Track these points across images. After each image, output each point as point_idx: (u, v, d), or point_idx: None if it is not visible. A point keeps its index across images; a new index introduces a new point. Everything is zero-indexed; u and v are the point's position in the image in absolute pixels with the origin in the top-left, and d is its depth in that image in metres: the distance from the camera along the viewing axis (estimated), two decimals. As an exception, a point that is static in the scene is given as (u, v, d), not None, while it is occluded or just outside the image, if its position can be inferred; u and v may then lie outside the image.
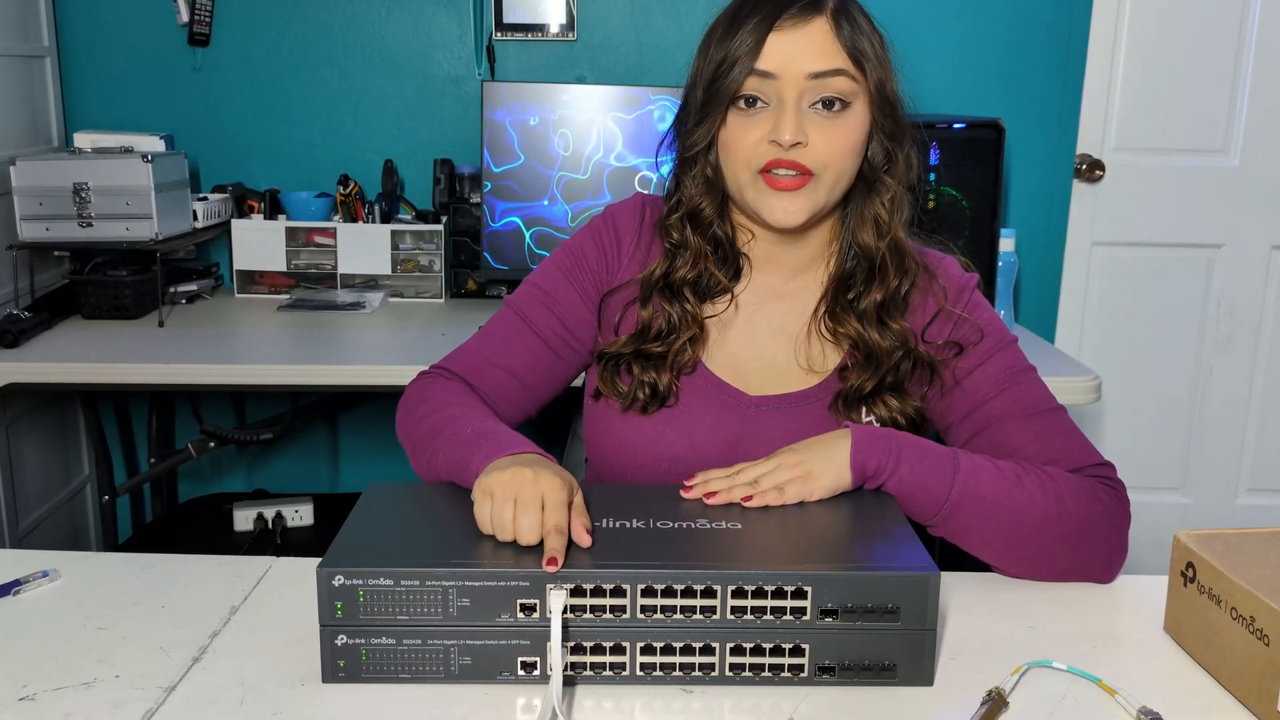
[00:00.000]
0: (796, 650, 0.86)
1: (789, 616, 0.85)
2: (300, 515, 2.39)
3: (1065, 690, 0.87)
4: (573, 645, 0.85)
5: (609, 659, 0.86)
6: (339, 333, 2.10)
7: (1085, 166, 2.59)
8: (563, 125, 2.25)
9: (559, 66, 2.50)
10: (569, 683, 0.86)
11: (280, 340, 2.07)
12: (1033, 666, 0.90)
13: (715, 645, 0.85)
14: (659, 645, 0.85)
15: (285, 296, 2.35)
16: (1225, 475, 2.78)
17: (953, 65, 2.49)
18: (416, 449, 1.10)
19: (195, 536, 2.35)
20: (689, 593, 0.84)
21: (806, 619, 0.85)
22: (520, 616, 0.84)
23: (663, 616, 0.85)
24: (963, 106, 2.46)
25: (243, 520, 2.37)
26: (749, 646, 0.85)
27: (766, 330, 1.18)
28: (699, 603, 0.84)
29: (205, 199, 2.34)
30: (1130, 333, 2.70)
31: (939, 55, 2.49)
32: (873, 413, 1.14)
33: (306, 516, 2.40)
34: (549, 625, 0.83)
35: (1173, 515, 2.71)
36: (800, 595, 0.84)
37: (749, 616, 0.85)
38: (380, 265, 2.37)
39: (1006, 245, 2.17)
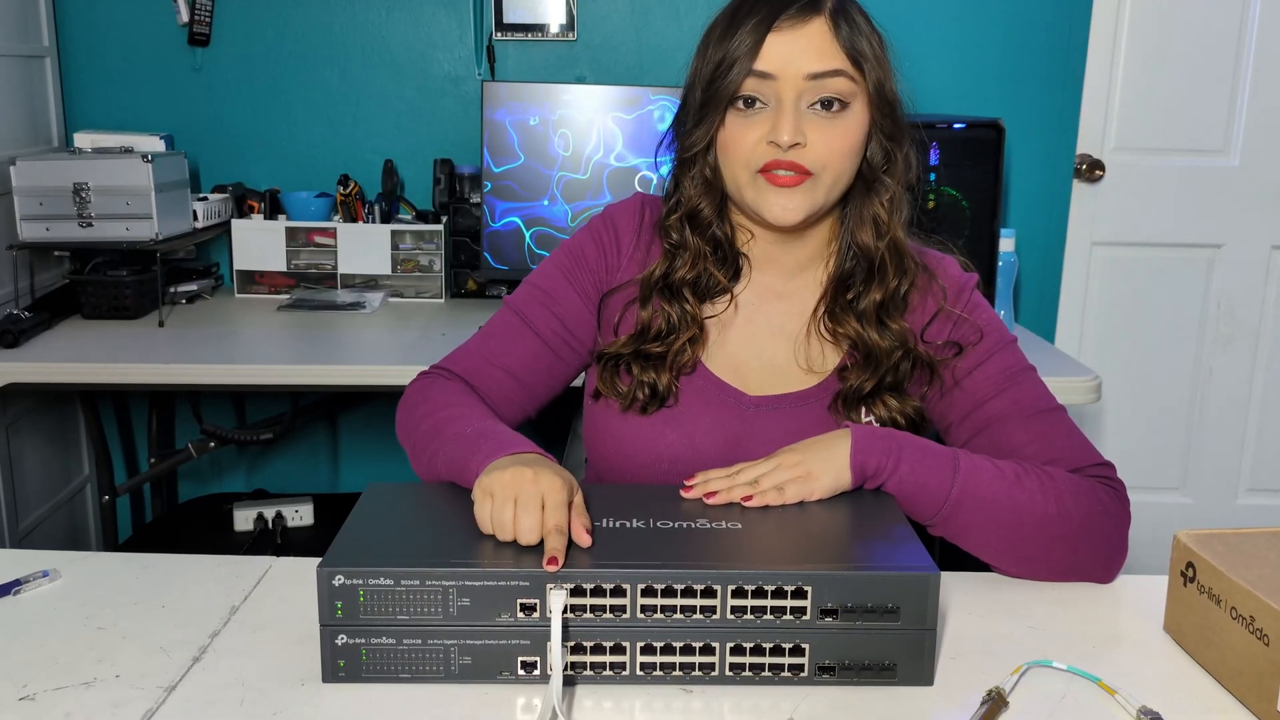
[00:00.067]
0: (796, 650, 0.86)
1: (789, 616, 0.85)
2: (300, 515, 2.39)
3: (1065, 690, 0.87)
4: (573, 645, 0.85)
5: (609, 659, 0.86)
6: (339, 333, 2.10)
7: (1085, 166, 2.59)
8: (563, 125, 2.25)
9: (559, 66, 2.50)
10: (569, 682, 0.86)
11: (280, 340, 2.07)
12: (1033, 666, 0.90)
13: (715, 645, 0.85)
14: (659, 645, 0.85)
15: (285, 296, 2.35)
16: (1225, 475, 2.78)
17: (953, 65, 2.49)
18: (416, 449, 1.10)
19: (195, 536, 2.35)
20: (689, 593, 0.84)
21: (806, 619, 0.85)
22: (520, 616, 0.84)
23: (663, 616, 0.85)
24: (963, 106, 2.46)
25: (243, 520, 2.37)
26: (749, 646, 0.85)
27: (766, 330, 1.18)
28: (699, 602, 0.84)
29: (205, 199, 2.34)
30: (1130, 333, 2.70)
31: (939, 55, 2.49)
32: (872, 413, 1.14)
33: (306, 516, 2.40)
34: (549, 625, 0.83)
35: (1173, 515, 2.70)
36: (800, 595, 0.84)
37: (749, 616, 0.85)
38: (380, 265, 2.37)
39: (1006, 245, 2.17)
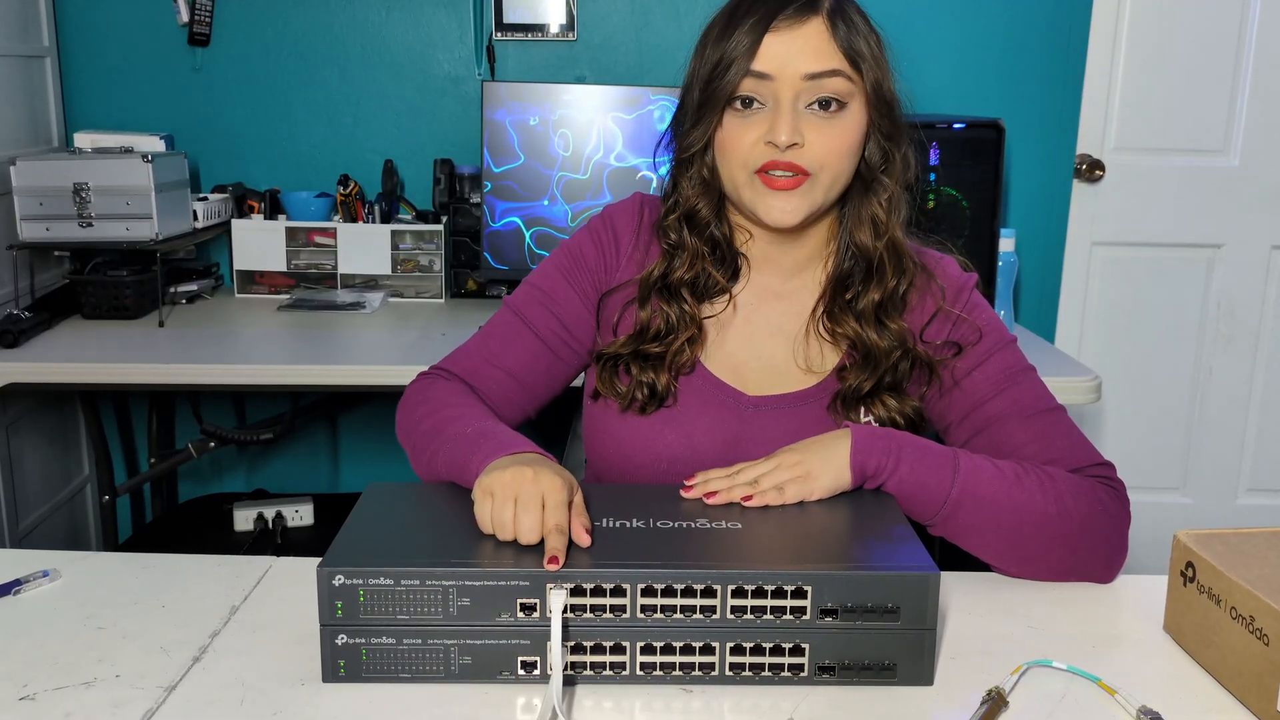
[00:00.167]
0: (796, 650, 0.86)
1: (789, 616, 0.85)
2: (300, 515, 2.39)
3: (1065, 690, 0.87)
4: (573, 645, 0.85)
5: (609, 658, 0.86)
6: (339, 333, 2.10)
7: (1085, 166, 2.59)
8: (563, 125, 2.25)
9: (559, 66, 2.50)
10: (569, 682, 0.86)
11: (280, 340, 2.07)
12: (1032, 666, 0.90)
13: (715, 645, 0.85)
14: (659, 645, 0.85)
15: (285, 296, 2.35)
16: (1225, 475, 2.78)
17: (953, 65, 2.49)
18: (416, 449, 1.10)
19: (195, 536, 2.35)
20: (689, 592, 0.84)
21: (806, 619, 0.85)
22: (520, 616, 0.84)
23: (663, 616, 0.85)
24: (963, 106, 2.46)
25: (243, 520, 2.37)
26: (749, 646, 0.85)
27: (765, 330, 1.18)
28: (699, 602, 0.84)
29: (205, 199, 2.34)
30: (1130, 333, 2.70)
31: (939, 55, 2.49)
32: (871, 413, 1.14)
33: (306, 516, 2.40)
34: (549, 625, 0.83)
35: (1173, 515, 2.70)
36: (800, 595, 0.84)
37: (749, 616, 0.85)
38: (380, 265, 2.37)
39: (1006, 245, 2.17)
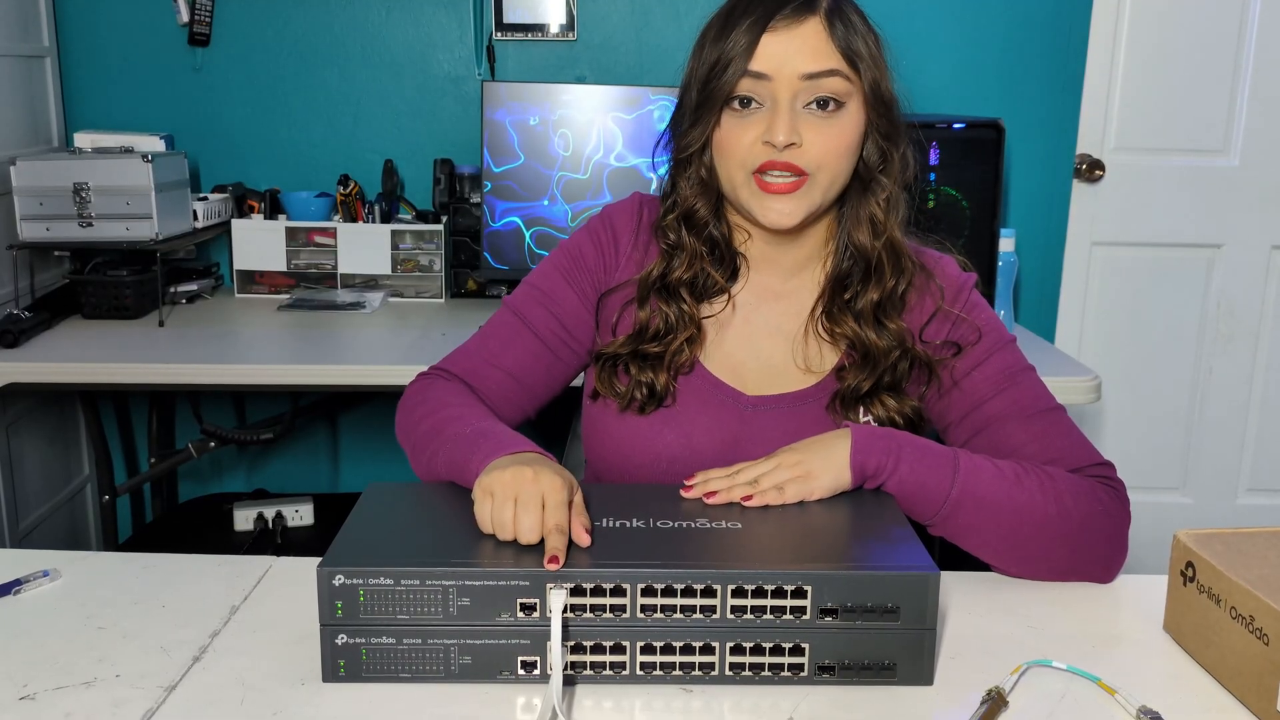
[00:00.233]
0: (796, 650, 0.86)
1: (789, 616, 0.85)
2: (300, 515, 2.39)
3: (1065, 690, 0.87)
4: (573, 645, 0.85)
5: (609, 658, 0.86)
6: (339, 333, 2.10)
7: (1085, 166, 2.59)
8: (563, 125, 2.25)
9: (559, 66, 2.50)
10: (569, 682, 0.86)
11: (280, 340, 2.07)
12: (1032, 666, 0.90)
13: (715, 645, 0.85)
14: (659, 645, 0.85)
15: (285, 296, 2.35)
16: (1225, 475, 2.78)
17: (953, 65, 2.49)
18: (416, 449, 1.10)
19: (195, 536, 2.35)
20: (689, 592, 0.84)
21: (806, 618, 0.85)
22: (520, 616, 0.85)
23: (663, 616, 0.85)
24: (963, 106, 2.46)
25: (243, 520, 2.37)
26: (749, 646, 0.85)
27: (764, 330, 1.18)
28: (699, 602, 0.84)
29: (205, 199, 2.34)
30: (1130, 333, 2.70)
31: (939, 55, 2.49)
32: (870, 413, 1.14)
33: (306, 516, 2.40)
34: (549, 625, 0.83)
35: (1173, 515, 2.70)
36: (800, 595, 0.84)
37: (749, 616, 0.85)
38: (380, 265, 2.37)
39: (1006, 245, 2.17)
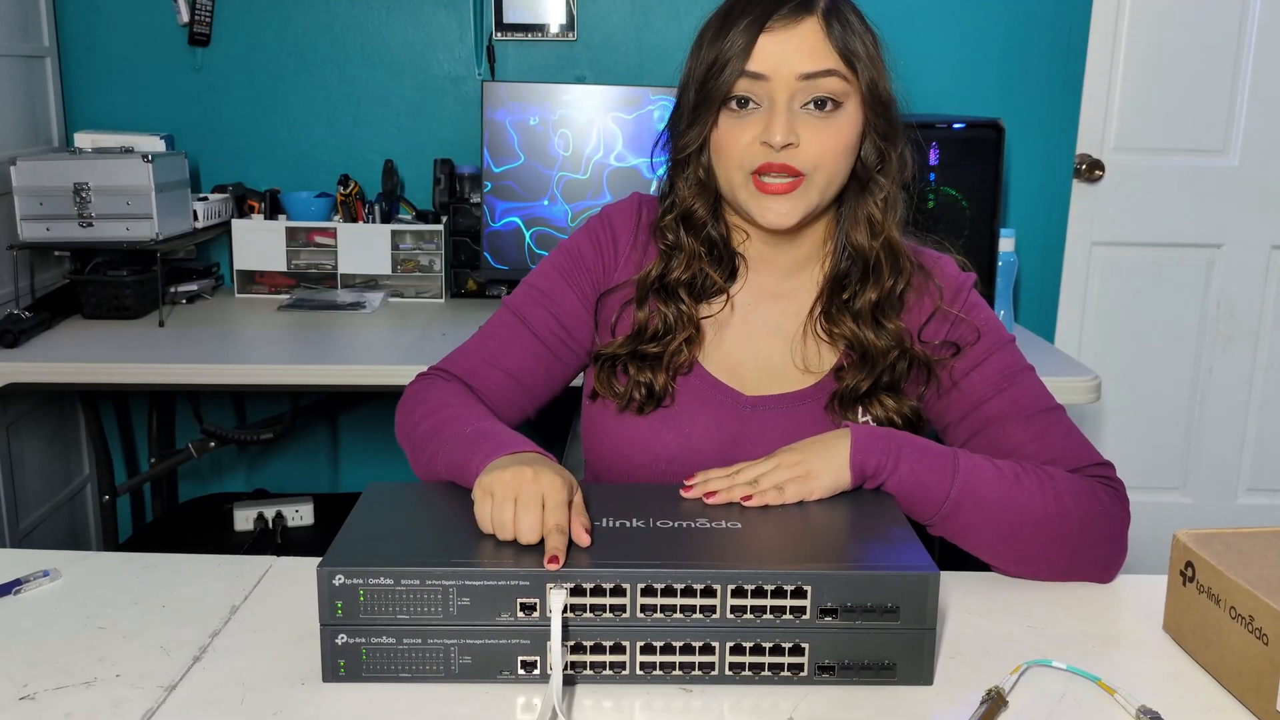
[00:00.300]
0: (796, 649, 0.86)
1: (789, 616, 0.85)
2: (300, 515, 2.39)
3: (1064, 689, 0.87)
4: (573, 644, 0.85)
5: (609, 658, 0.86)
6: (339, 333, 2.10)
7: (1085, 166, 2.59)
8: (563, 125, 2.25)
9: (559, 66, 2.50)
10: (569, 682, 0.86)
11: (280, 340, 2.07)
12: (1032, 666, 0.90)
13: (715, 645, 0.85)
14: (659, 644, 0.85)
15: (285, 296, 2.35)
16: (1225, 475, 2.78)
17: (953, 65, 2.49)
18: (416, 450, 1.10)
19: (195, 536, 2.35)
20: (689, 592, 0.84)
21: (806, 618, 0.85)
22: (520, 616, 0.85)
23: (662, 616, 0.85)
24: (963, 106, 2.46)
25: (243, 520, 2.37)
26: (749, 646, 0.85)
27: (762, 330, 1.18)
28: (699, 602, 0.84)
29: (205, 199, 2.34)
30: (1130, 333, 2.70)
31: (939, 55, 2.49)
32: (869, 413, 1.14)
33: (306, 516, 2.40)
34: (549, 624, 0.83)
35: (1173, 515, 2.70)
36: (800, 595, 0.85)
37: (749, 616, 0.85)
38: (380, 265, 2.37)
39: (1006, 245, 2.17)
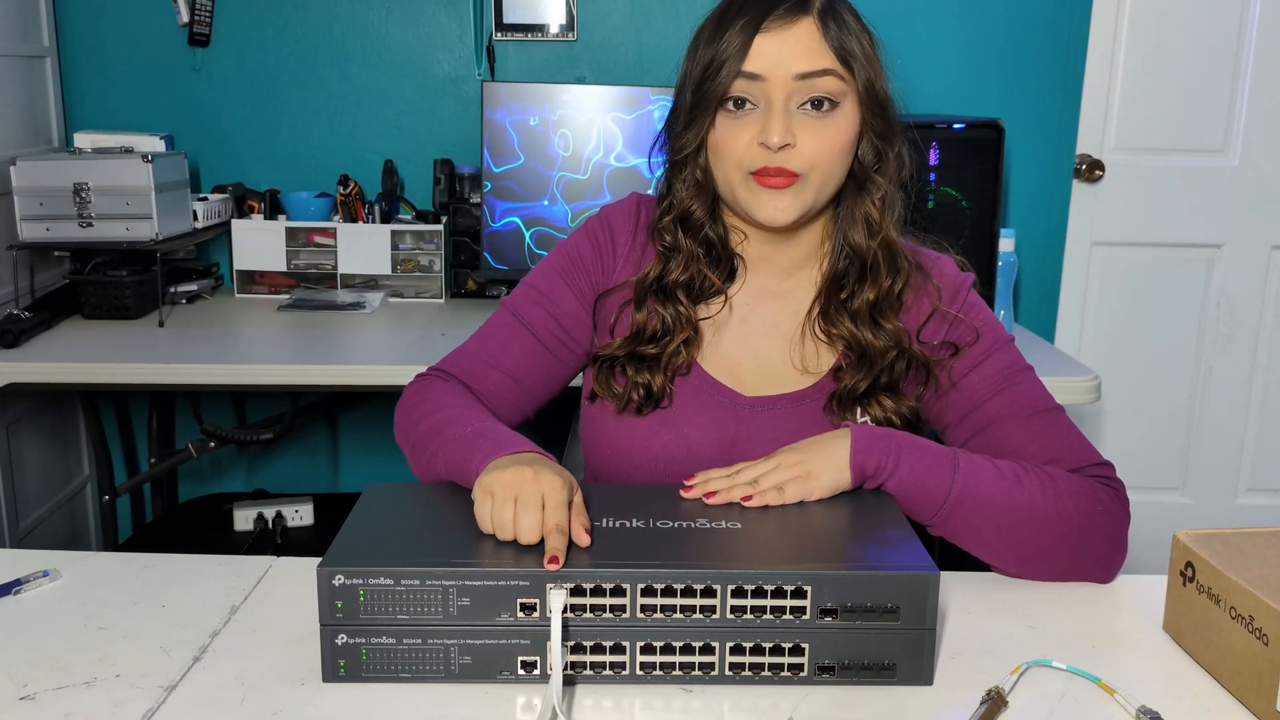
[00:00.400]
0: (796, 650, 0.86)
1: (789, 616, 0.85)
2: (300, 515, 2.39)
3: (1064, 689, 0.87)
4: (573, 644, 0.85)
5: (609, 658, 0.86)
6: (339, 333, 2.10)
7: (1085, 166, 2.59)
8: (563, 125, 2.25)
9: (559, 66, 2.50)
10: (569, 682, 0.86)
11: (280, 340, 2.07)
12: (1032, 666, 0.90)
13: (715, 645, 0.85)
14: (659, 645, 0.85)
15: (285, 296, 2.35)
16: (1225, 475, 2.78)
17: (953, 65, 2.49)
18: (415, 450, 1.10)
19: (195, 536, 2.35)
20: (689, 592, 0.84)
21: (806, 618, 0.85)
22: (520, 616, 0.85)
23: (662, 616, 0.85)
24: (963, 106, 2.46)
25: (243, 520, 2.37)
26: (749, 646, 0.85)
27: (761, 330, 1.18)
28: (699, 602, 0.84)
29: (205, 199, 2.34)
30: (1130, 333, 2.70)
31: (939, 55, 2.49)
32: (868, 413, 1.13)
33: (306, 516, 2.40)
34: (549, 624, 0.83)
35: (1173, 515, 2.71)
36: (800, 595, 0.84)
37: (749, 616, 0.85)
38: (380, 265, 2.37)
39: (1006, 245, 2.17)
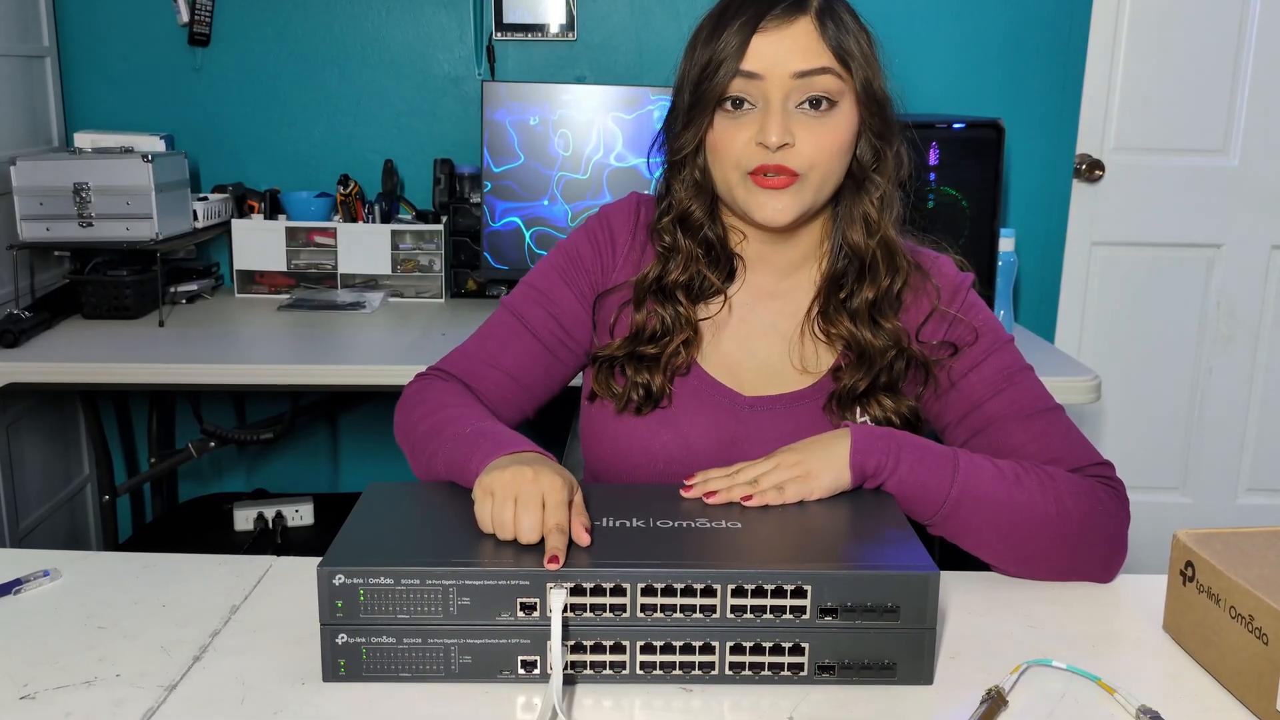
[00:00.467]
0: (796, 649, 0.86)
1: (789, 615, 0.85)
2: (300, 515, 2.39)
3: (1064, 689, 0.87)
4: (573, 644, 0.85)
5: (609, 658, 0.86)
6: (339, 333, 2.10)
7: (1085, 166, 2.59)
8: (563, 125, 2.25)
9: (559, 66, 2.50)
10: (569, 681, 0.86)
11: (280, 340, 2.07)
12: (1032, 665, 0.90)
13: (715, 644, 0.85)
14: (659, 644, 0.85)
15: (285, 296, 2.35)
16: (1225, 475, 2.78)
17: (953, 65, 2.49)
18: (415, 450, 1.10)
19: (195, 536, 2.35)
20: (689, 592, 0.84)
21: (806, 618, 0.85)
22: (520, 615, 0.85)
23: (663, 615, 0.85)
24: (963, 106, 2.46)
25: (243, 520, 2.37)
26: (749, 645, 0.85)
27: (760, 330, 1.18)
28: (699, 601, 0.84)
29: (205, 199, 2.34)
30: (1130, 333, 2.70)
31: (939, 55, 2.49)
32: (867, 413, 1.13)
33: (306, 516, 2.40)
34: (549, 624, 0.83)
35: (1172, 515, 2.70)
36: (800, 594, 0.85)
37: (749, 615, 0.85)
38: (380, 265, 2.38)
39: (1006, 245, 2.17)
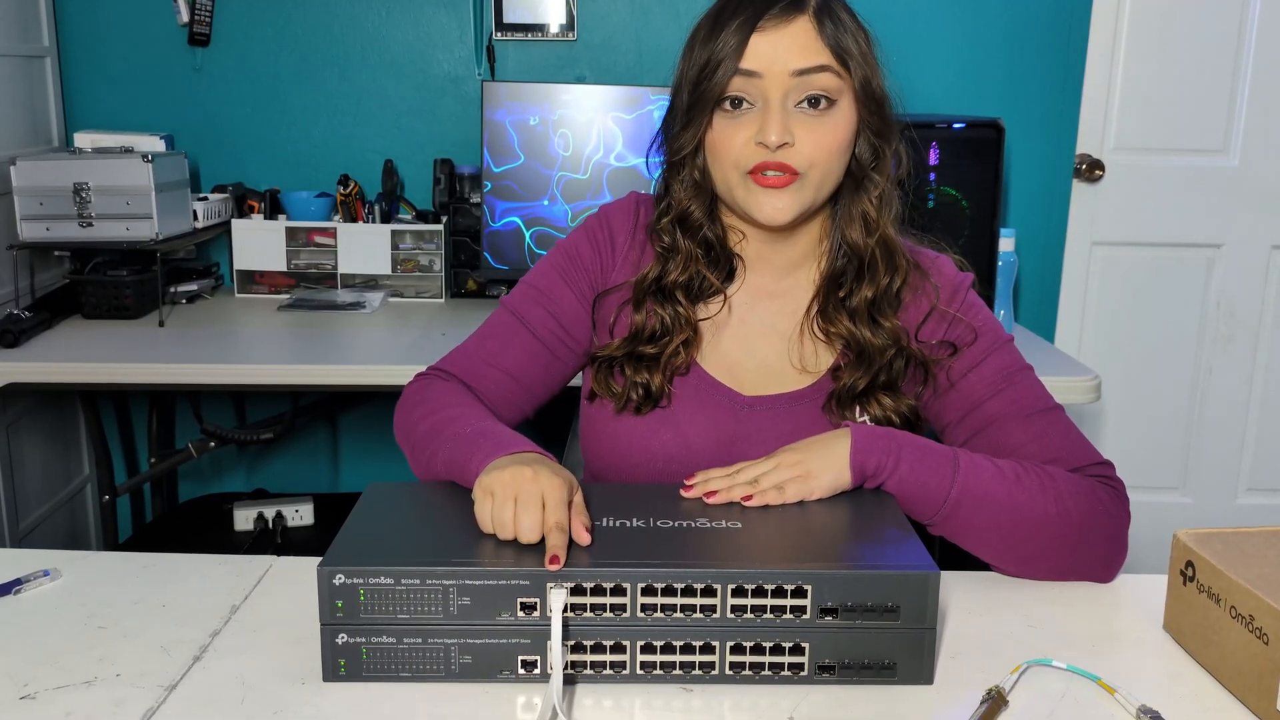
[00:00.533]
0: (796, 649, 0.86)
1: (789, 615, 0.85)
2: (300, 515, 2.39)
3: (1065, 689, 0.87)
4: (573, 644, 0.85)
5: (609, 658, 0.86)
6: (339, 333, 2.10)
7: (1085, 166, 2.59)
8: (563, 125, 2.25)
9: (559, 66, 2.50)
10: (569, 681, 0.86)
11: (280, 340, 2.07)
12: (1032, 665, 0.90)
13: (715, 644, 0.85)
14: (659, 644, 0.85)
15: (285, 296, 2.35)
16: (1225, 475, 2.78)
17: (953, 65, 2.49)
18: (415, 450, 1.10)
19: (195, 536, 2.35)
20: (689, 591, 0.84)
21: (806, 618, 0.85)
22: (520, 615, 0.85)
23: (663, 615, 0.85)
24: (963, 106, 2.46)
25: (243, 520, 2.37)
26: (749, 645, 0.85)
27: (759, 330, 1.18)
28: (699, 601, 0.84)
29: (205, 199, 2.34)
30: (1130, 333, 2.70)
31: (939, 55, 2.49)
32: (866, 412, 1.13)
33: (306, 516, 2.40)
34: (549, 624, 0.83)
35: (1173, 515, 2.70)
36: (800, 594, 0.85)
37: (749, 615, 0.85)
38: (380, 265, 2.38)
39: (1006, 245, 2.17)
